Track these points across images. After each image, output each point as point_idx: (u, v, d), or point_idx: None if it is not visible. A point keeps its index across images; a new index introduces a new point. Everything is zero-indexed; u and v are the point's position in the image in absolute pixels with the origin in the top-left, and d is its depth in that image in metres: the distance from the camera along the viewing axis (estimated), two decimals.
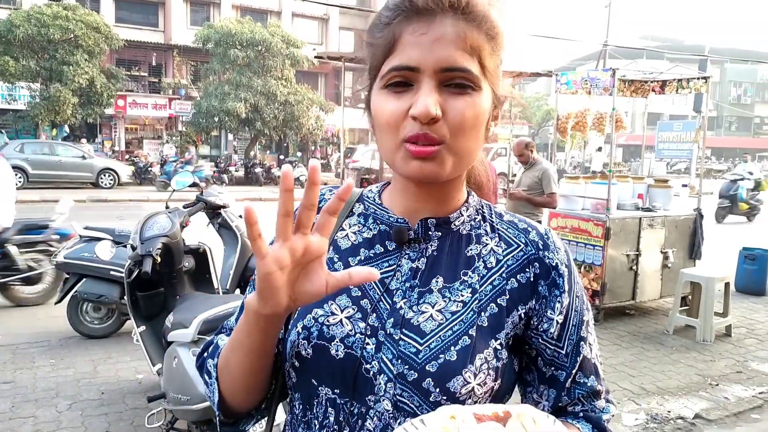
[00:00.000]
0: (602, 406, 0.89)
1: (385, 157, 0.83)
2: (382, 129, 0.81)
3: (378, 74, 0.81)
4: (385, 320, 0.82)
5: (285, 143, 30.55)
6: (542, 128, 40.38)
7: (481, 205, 0.94)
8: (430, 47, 0.76)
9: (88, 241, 5.01)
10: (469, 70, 0.77)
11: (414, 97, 0.76)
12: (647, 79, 7.31)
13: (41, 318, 5.54)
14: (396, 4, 0.79)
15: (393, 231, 0.88)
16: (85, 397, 3.99)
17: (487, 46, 0.79)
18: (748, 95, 55.15)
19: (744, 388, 4.49)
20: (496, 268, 0.87)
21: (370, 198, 0.95)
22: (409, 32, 0.77)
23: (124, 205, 15.22)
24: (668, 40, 52.67)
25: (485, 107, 0.80)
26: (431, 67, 0.76)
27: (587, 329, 0.90)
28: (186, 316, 2.99)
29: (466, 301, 0.84)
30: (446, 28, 0.76)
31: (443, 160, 0.78)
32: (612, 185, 6.01)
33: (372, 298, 0.85)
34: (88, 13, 21.34)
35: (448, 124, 0.77)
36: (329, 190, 0.95)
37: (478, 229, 0.90)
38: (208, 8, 29.87)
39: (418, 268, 0.86)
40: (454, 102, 0.77)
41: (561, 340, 0.87)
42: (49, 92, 20.20)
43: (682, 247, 6.44)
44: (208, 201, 4.32)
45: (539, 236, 0.90)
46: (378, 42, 0.80)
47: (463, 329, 0.81)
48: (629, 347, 5.34)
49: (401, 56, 0.77)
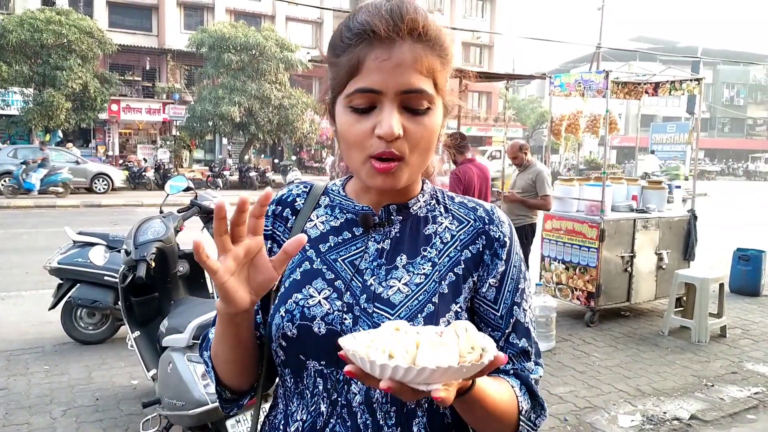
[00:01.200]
0: (531, 367, 0.99)
1: (352, 168, 0.95)
2: (349, 145, 0.91)
3: (342, 91, 0.90)
4: (358, 297, 0.94)
5: (279, 147, 30.55)
6: (536, 131, 40.45)
7: (434, 190, 1.06)
8: (392, 72, 0.86)
9: (81, 247, 4.98)
10: (425, 90, 0.88)
11: (378, 118, 0.88)
12: (640, 81, 7.34)
13: (35, 324, 5.51)
14: (358, 30, 0.88)
15: (359, 217, 1.00)
16: (80, 403, 3.96)
17: (439, 65, 0.91)
18: (741, 96, 55.48)
19: (739, 389, 4.50)
20: (451, 242, 0.99)
21: (335, 191, 1.06)
22: (372, 58, 0.87)
23: (117, 210, 15.18)
24: (661, 41, 52.88)
25: (438, 122, 0.93)
26: (392, 90, 0.87)
27: (522, 296, 1.01)
28: (181, 321, 2.98)
29: (427, 273, 0.96)
30: (405, 54, 0.87)
31: (401, 174, 0.91)
32: (606, 187, 6.03)
33: (345, 279, 0.96)
34: (81, 17, 21.32)
35: (408, 141, 0.89)
36: (296, 186, 1.09)
37: (433, 211, 1.03)
38: (201, 12, 29.87)
39: (384, 249, 0.98)
40: (413, 123, 0.89)
41: (496, 303, 0.98)
42: (43, 97, 20.15)
43: (676, 248, 6.46)
44: (203, 205, 4.30)
45: (485, 212, 1.03)
46: (342, 63, 0.90)
47: (427, 298, 0.93)
48: (624, 348, 5.35)
49: (366, 80, 0.87)
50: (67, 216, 13.57)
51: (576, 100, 7.03)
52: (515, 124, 38.34)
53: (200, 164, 28.06)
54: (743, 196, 25.46)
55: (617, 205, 6.41)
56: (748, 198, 23.85)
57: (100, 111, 22.65)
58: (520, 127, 39.69)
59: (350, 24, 0.90)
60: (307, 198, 1.07)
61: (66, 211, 14.89)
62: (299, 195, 1.07)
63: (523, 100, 43.60)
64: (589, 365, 4.90)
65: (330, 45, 0.95)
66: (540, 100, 41.36)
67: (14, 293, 6.58)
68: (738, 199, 19.57)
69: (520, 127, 39.40)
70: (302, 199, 1.06)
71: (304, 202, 1.06)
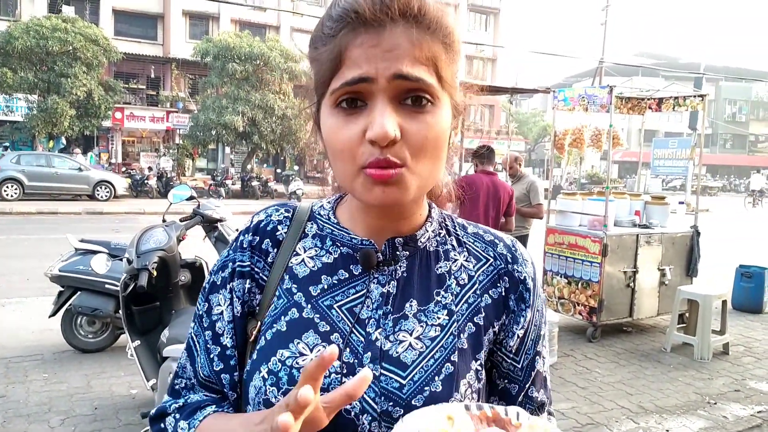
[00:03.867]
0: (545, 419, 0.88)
1: (343, 184, 0.76)
2: (336, 156, 0.73)
3: (326, 91, 0.73)
4: (361, 355, 0.76)
5: (282, 157, 30.61)
6: (538, 144, 40.54)
7: (443, 217, 0.89)
8: (382, 57, 0.68)
9: (83, 254, 4.98)
10: (424, 79, 0.70)
11: (369, 117, 0.69)
12: (644, 96, 7.35)
13: (34, 331, 5.49)
14: (340, 14, 0.71)
15: (360, 255, 0.81)
16: (78, 412, 3.94)
17: (443, 55, 0.72)
18: (743, 113, 55.57)
19: (742, 407, 4.47)
20: (469, 285, 0.84)
21: (323, 216, 0.87)
22: (356, 44, 0.69)
23: (120, 218, 15.19)
24: (664, 57, 53.10)
25: (446, 123, 0.74)
26: (384, 76, 0.68)
27: (543, 343, 0.88)
28: (182, 331, 2.96)
29: (443, 324, 0.80)
30: (398, 38, 0.69)
31: (407, 185, 0.71)
32: (609, 202, 6.03)
33: (343, 331, 0.78)
34: (87, 25, 21.46)
35: (408, 145, 0.70)
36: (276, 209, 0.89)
37: (444, 244, 0.86)
38: (207, 22, 30.04)
39: (390, 293, 0.80)
40: (413, 122, 0.70)
41: (518, 354, 0.85)
42: (47, 104, 20.25)
43: (679, 264, 6.44)
44: (205, 215, 4.31)
45: (507, 249, 0.87)
46: (323, 57, 0.72)
47: (444, 355, 0.78)
48: (627, 365, 5.31)
49: (351, 70, 0.69)
50: (69, 223, 13.58)
51: (578, 114, 7.03)
52: (518, 137, 38.43)
53: (203, 173, 28.15)
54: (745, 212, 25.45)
55: (620, 220, 6.40)
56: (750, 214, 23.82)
57: (104, 118, 22.75)
58: (523, 140, 39.78)
59: (332, 11, 0.73)
60: (290, 226, 0.86)
61: (68, 218, 14.90)
62: (280, 222, 0.86)
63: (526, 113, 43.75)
64: (591, 381, 4.87)
65: (311, 39, 0.77)
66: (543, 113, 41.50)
67: (15, 300, 6.57)
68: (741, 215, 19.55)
69: (522, 140, 39.49)
70: (284, 227, 0.86)
71: (286, 230, 0.86)
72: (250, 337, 0.82)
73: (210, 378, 0.85)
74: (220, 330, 0.84)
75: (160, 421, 0.85)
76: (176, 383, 0.88)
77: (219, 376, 0.84)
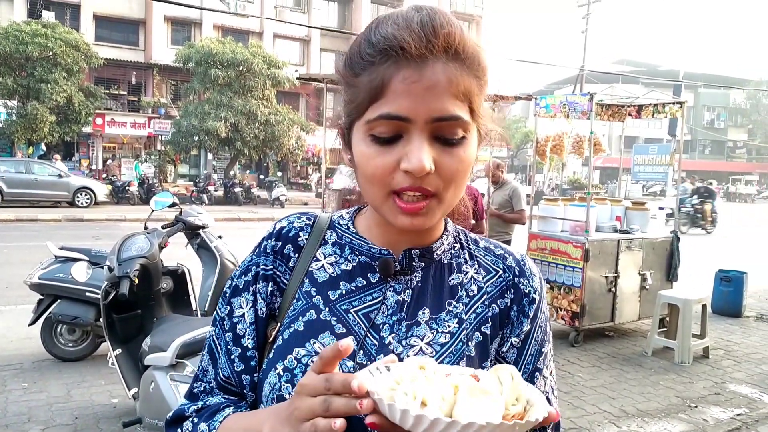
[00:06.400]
0: None
1: (372, 204, 0.81)
2: (367, 179, 0.77)
3: (361, 115, 0.77)
4: (374, 357, 0.79)
5: (265, 163, 30.49)
6: (521, 150, 40.81)
7: (457, 231, 0.93)
8: (423, 96, 0.73)
9: (63, 262, 4.92)
10: (461, 117, 0.74)
11: (404, 150, 0.74)
12: (624, 103, 7.44)
13: (13, 340, 5.41)
14: (385, 47, 0.74)
15: (378, 263, 0.85)
16: (58, 422, 3.88)
17: (475, 88, 0.77)
18: (721, 119, 56.38)
19: (722, 410, 4.52)
20: (478, 296, 0.87)
21: (342, 225, 0.91)
22: (399, 79, 0.73)
23: (100, 225, 15.03)
24: (643, 65, 53.74)
25: (474, 152, 0.80)
26: (423, 117, 0.73)
27: (544, 362, 0.90)
28: (164, 339, 2.94)
29: (453, 331, 0.84)
30: (438, 75, 0.73)
31: (433, 213, 0.77)
32: (590, 207, 6.08)
33: (358, 334, 0.82)
34: (67, 31, 21.26)
35: (440, 176, 0.75)
36: (297, 217, 0.93)
37: (458, 257, 0.90)
38: (189, 28, 29.88)
39: (404, 301, 0.84)
40: (446, 155, 0.75)
41: (516, 366, 0.86)
42: (26, 110, 20.03)
43: (659, 268, 6.51)
44: (187, 221, 4.29)
45: (516, 262, 0.91)
46: (362, 83, 0.76)
47: (453, 361, 0.81)
48: (609, 369, 5.36)
49: (392, 104, 0.73)
50: (49, 230, 13.41)
51: (561, 121, 7.10)
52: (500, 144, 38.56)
53: (185, 179, 27.93)
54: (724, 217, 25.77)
55: (601, 225, 6.46)
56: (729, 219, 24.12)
57: (84, 124, 22.53)
58: (505, 146, 39.99)
59: (372, 38, 0.76)
60: (311, 232, 0.90)
61: (47, 225, 14.70)
62: (302, 229, 0.91)
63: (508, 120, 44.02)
64: (573, 385, 4.90)
65: (347, 61, 0.80)
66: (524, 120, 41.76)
67: None
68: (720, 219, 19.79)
69: (504, 146, 39.69)
70: (306, 234, 0.90)
71: (307, 237, 0.90)
72: (270, 338, 0.85)
73: (230, 379, 0.87)
74: (241, 332, 0.87)
75: (178, 425, 0.86)
76: (195, 387, 0.90)
77: (240, 377, 0.86)
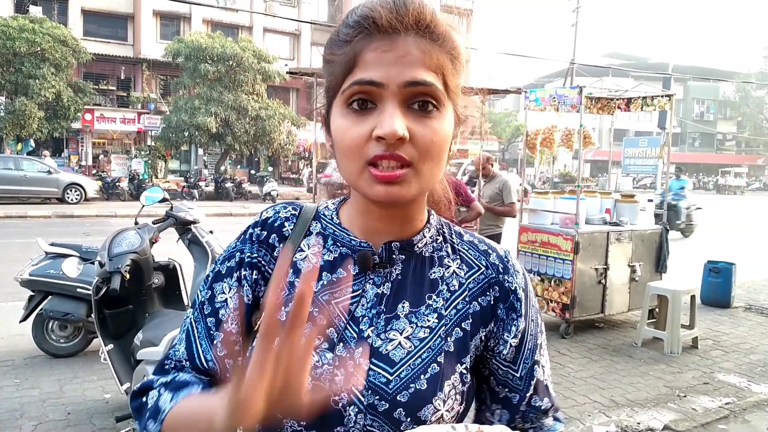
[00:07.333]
0: (549, 423, 0.92)
1: (348, 180, 0.80)
2: (343, 152, 0.77)
3: (338, 92, 0.78)
4: (353, 350, 0.80)
5: (256, 158, 30.39)
6: (512, 144, 40.90)
7: (441, 224, 0.93)
8: (394, 64, 0.74)
9: (54, 258, 4.90)
10: (433, 84, 0.75)
11: (378, 118, 0.74)
12: (613, 96, 7.47)
13: (5, 337, 5.39)
14: (357, 21, 0.76)
15: (357, 256, 0.85)
16: (51, 417, 3.88)
17: (449, 66, 0.78)
18: (711, 112, 56.70)
19: (711, 399, 4.58)
20: (459, 292, 0.87)
21: (327, 216, 0.91)
22: (371, 49, 0.75)
23: (90, 221, 14.95)
24: (633, 58, 53.92)
25: (449, 129, 0.79)
26: (395, 82, 0.74)
27: (541, 352, 0.92)
28: (156, 333, 2.95)
29: (432, 326, 0.84)
30: (410, 47, 0.74)
31: (409, 183, 0.76)
32: (580, 200, 6.12)
33: (338, 326, 0.82)
34: (55, 26, 21.05)
35: (416, 147, 0.75)
36: (283, 207, 0.92)
37: (440, 251, 0.90)
38: (178, 22, 29.68)
39: (384, 294, 0.84)
40: (420, 125, 0.75)
41: (516, 363, 0.89)
42: (15, 106, 19.84)
43: (648, 260, 6.56)
44: (178, 216, 4.28)
45: (499, 259, 0.91)
46: (338, 59, 0.78)
47: (431, 356, 0.81)
48: (599, 360, 5.41)
49: (364, 72, 0.74)
50: (39, 227, 13.34)
51: (551, 114, 7.13)
52: (491, 138, 38.71)
53: (175, 175, 27.80)
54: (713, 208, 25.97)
55: (591, 218, 6.51)
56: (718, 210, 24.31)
57: (74, 120, 22.36)
58: (496, 140, 40.08)
59: (349, 19, 0.78)
60: (297, 223, 0.90)
61: (37, 222, 14.63)
62: (287, 219, 0.91)
63: (499, 113, 44.11)
64: (564, 376, 4.95)
65: (326, 44, 0.82)
66: (515, 113, 41.86)
67: None
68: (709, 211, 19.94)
69: (495, 140, 39.79)
70: (291, 224, 0.90)
71: (293, 227, 0.90)
72: (255, 327, 0.83)
73: (212, 363, 0.85)
74: (223, 317, 0.86)
75: (143, 395, 0.84)
76: (166, 363, 0.88)
77: (223, 362, 0.85)
